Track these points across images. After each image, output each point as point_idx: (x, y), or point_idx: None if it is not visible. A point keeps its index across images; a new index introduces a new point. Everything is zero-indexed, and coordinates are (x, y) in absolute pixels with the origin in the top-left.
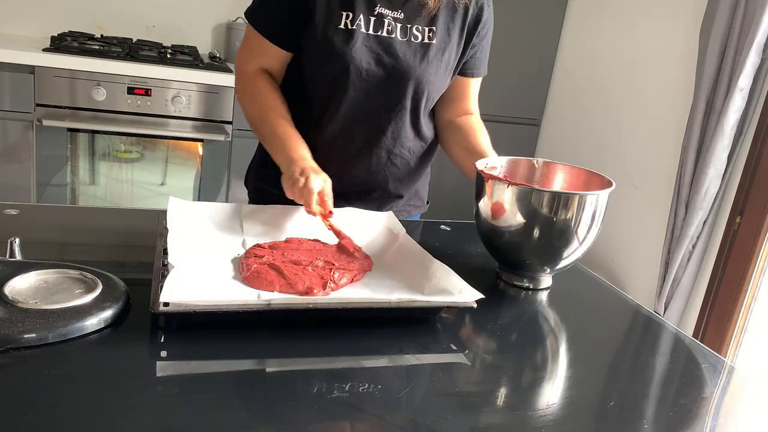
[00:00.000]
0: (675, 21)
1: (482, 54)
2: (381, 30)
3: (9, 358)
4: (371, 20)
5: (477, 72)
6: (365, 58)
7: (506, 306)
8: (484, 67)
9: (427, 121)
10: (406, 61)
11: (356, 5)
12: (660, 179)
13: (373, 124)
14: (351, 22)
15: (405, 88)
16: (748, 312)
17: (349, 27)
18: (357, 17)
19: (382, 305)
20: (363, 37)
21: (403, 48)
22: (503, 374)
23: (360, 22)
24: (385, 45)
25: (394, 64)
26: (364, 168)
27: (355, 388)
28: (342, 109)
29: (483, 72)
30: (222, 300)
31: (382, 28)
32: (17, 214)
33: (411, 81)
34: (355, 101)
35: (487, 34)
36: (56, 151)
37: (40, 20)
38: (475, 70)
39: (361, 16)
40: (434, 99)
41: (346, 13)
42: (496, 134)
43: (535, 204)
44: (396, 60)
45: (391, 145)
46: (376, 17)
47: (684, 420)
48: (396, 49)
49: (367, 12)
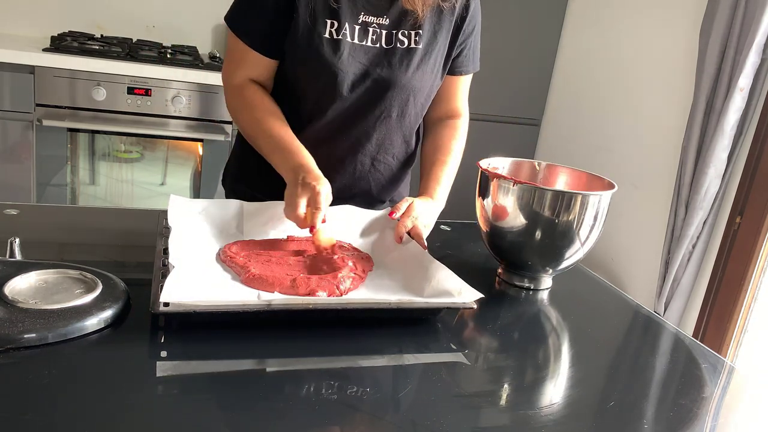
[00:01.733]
0: (675, 21)
1: (470, 51)
2: (366, 39)
3: (9, 358)
4: (356, 29)
5: (465, 69)
6: (351, 69)
7: (506, 306)
8: (474, 64)
9: (417, 124)
10: (392, 70)
11: (341, 14)
12: (660, 179)
13: (358, 131)
14: (336, 32)
15: (391, 96)
16: (748, 312)
17: (334, 36)
18: (342, 26)
19: (382, 306)
20: (349, 47)
21: (388, 57)
22: (503, 374)
23: (345, 32)
24: (370, 55)
25: (380, 73)
26: (347, 174)
27: (356, 388)
28: (327, 117)
29: (473, 69)
30: (222, 300)
31: (366, 37)
32: (17, 214)
33: (396, 89)
34: (341, 110)
35: (474, 30)
36: (56, 151)
37: (40, 20)
38: (463, 68)
39: (347, 24)
40: (424, 102)
41: (331, 22)
42: (496, 134)
43: (539, 204)
44: (381, 69)
45: (375, 151)
46: (360, 26)
47: (684, 420)
48: (381, 58)
49: (352, 21)
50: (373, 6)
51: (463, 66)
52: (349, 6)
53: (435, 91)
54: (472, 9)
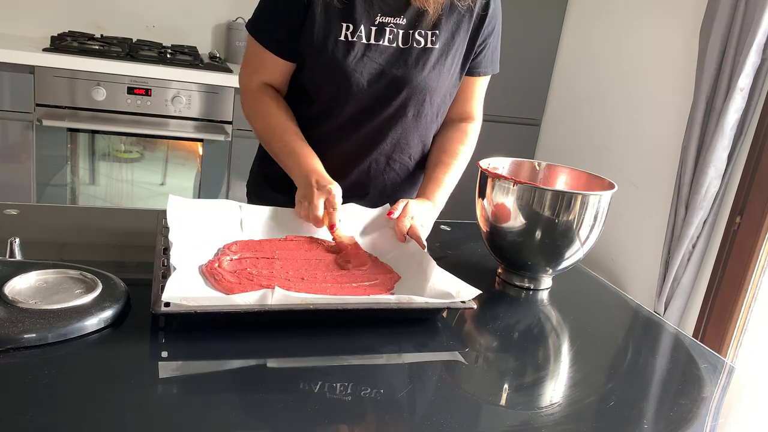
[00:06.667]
0: (675, 21)
1: (490, 51)
2: (382, 39)
3: (9, 358)
4: (372, 30)
5: (484, 71)
6: (366, 69)
7: (506, 306)
8: (493, 65)
9: (436, 125)
10: (408, 69)
11: (356, 16)
12: (660, 179)
13: (374, 131)
14: (351, 34)
15: (407, 95)
16: (748, 312)
17: (349, 39)
18: (358, 28)
19: (382, 306)
20: (363, 48)
21: (404, 56)
22: (503, 374)
23: (361, 33)
24: (387, 54)
25: (396, 73)
26: (362, 171)
27: (356, 388)
28: (342, 117)
29: (491, 71)
30: (222, 300)
31: (383, 37)
32: (17, 214)
33: (412, 89)
34: (357, 110)
35: (494, 30)
36: (56, 151)
37: (40, 20)
38: (481, 68)
39: (362, 27)
40: (441, 103)
41: (346, 25)
42: (496, 134)
43: (539, 204)
44: (397, 69)
45: (391, 150)
46: (377, 27)
47: (684, 420)
48: (397, 57)
49: (368, 22)
50: (389, 6)
51: (481, 67)
52: (365, 8)
53: (453, 92)
54: (492, 9)
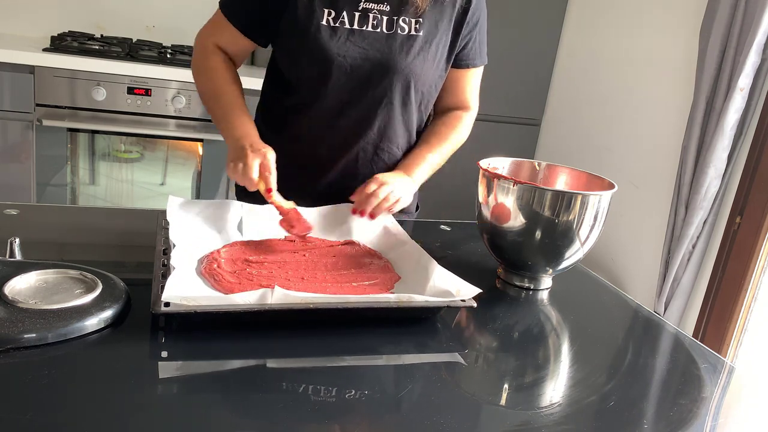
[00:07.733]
0: (675, 21)
1: (476, 44)
2: (366, 25)
3: (9, 358)
4: (356, 15)
5: (472, 63)
6: (350, 54)
7: (506, 306)
8: (480, 57)
9: (420, 117)
10: (392, 54)
11: (339, 2)
12: (660, 179)
13: (360, 118)
14: (334, 20)
15: (391, 82)
16: (748, 312)
17: (332, 24)
18: (340, 14)
19: (382, 305)
20: (347, 33)
21: (389, 41)
22: (503, 374)
23: (344, 19)
24: (370, 39)
25: (380, 59)
26: (351, 159)
27: (356, 388)
28: (327, 104)
29: (479, 62)
30: (222, 300)
31: (367, 22)
32: (17, 214)
33: (396, 74)
34: (341, 96)
35: (479, 23)
36: (56, 151)
37: (40, 20)
38: (470, 60)
39: (345, 13)
40: (427, 93)
41: (328, 10)
42: (496, 134)
43: (539, 204)
44: (381, 54)
45: (378, 139)
46: (360, 12)
47: (684, 420)
48: (381, 43)
49: (352, 8)
50: None
51: (470, 59)
52: None
53: (439, 84)
54: (475, 2)
